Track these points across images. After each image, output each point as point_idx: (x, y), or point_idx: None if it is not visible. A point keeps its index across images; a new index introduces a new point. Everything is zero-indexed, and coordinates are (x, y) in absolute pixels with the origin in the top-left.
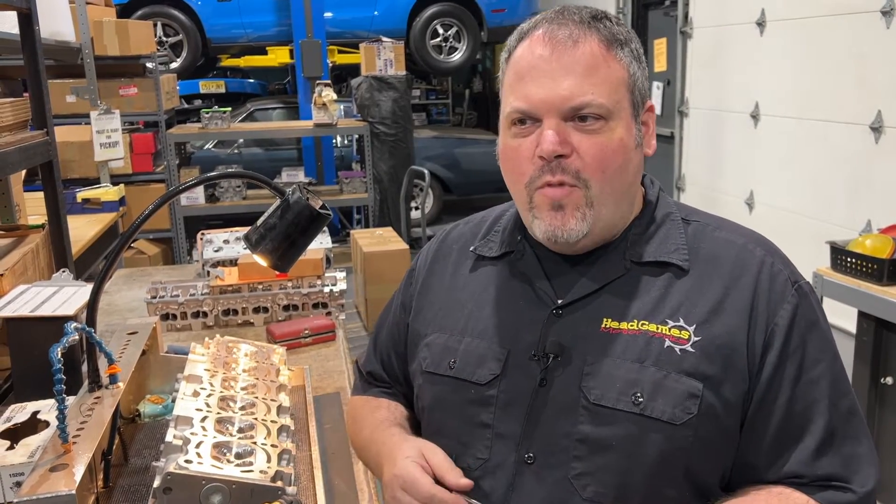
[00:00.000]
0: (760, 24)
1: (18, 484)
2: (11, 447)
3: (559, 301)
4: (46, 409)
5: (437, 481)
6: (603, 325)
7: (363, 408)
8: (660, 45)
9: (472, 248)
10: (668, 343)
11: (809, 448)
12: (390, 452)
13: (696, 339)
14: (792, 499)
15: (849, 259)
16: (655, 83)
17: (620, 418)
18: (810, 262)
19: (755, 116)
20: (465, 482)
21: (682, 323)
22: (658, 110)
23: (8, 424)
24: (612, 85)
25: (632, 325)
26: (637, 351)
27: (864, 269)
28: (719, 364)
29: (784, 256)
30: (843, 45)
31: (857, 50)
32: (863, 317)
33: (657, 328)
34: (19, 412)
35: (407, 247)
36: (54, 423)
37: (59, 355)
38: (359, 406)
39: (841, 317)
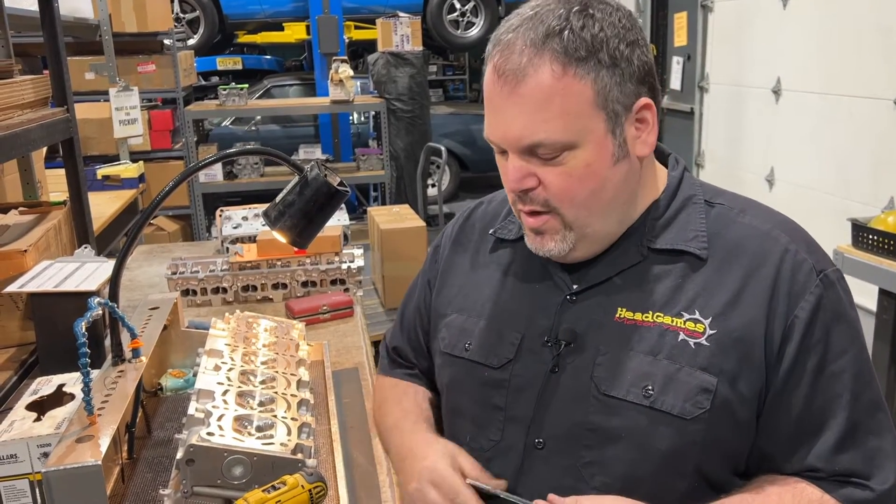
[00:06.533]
0: None
1: (46, 455)
2: (38, 419)
3: (574, 286)
4: (71, 382)
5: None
6: (617, 315)
7: (390, 392)
8: (680, 20)
9: (491, 231)
10: (682, 336)
11: (829, 443)
12: (418, 447)
13: (712, 332)
14: (806, 494)
15: (870, 236)
16: (675, 58)
17: (630, 410)
18: (831, 239)
19: (777, 92)
20: (499, 482)
21: (697, 315)
22: (678, 85)
23: (35, 397)
24: (569, 115)
25: (646, 317)
26: (651, 343)
27: (885, 247)
28: (735, 358)
29: (811, 243)
30: (869, 18)
31: (883, 23)
32: (884, 294)
33: (672, 320)
34: (45, 385)
35: (424, 224)
36: (79, 395)
37: (84, 329)
38: (386, 388)
39: (861, 294)
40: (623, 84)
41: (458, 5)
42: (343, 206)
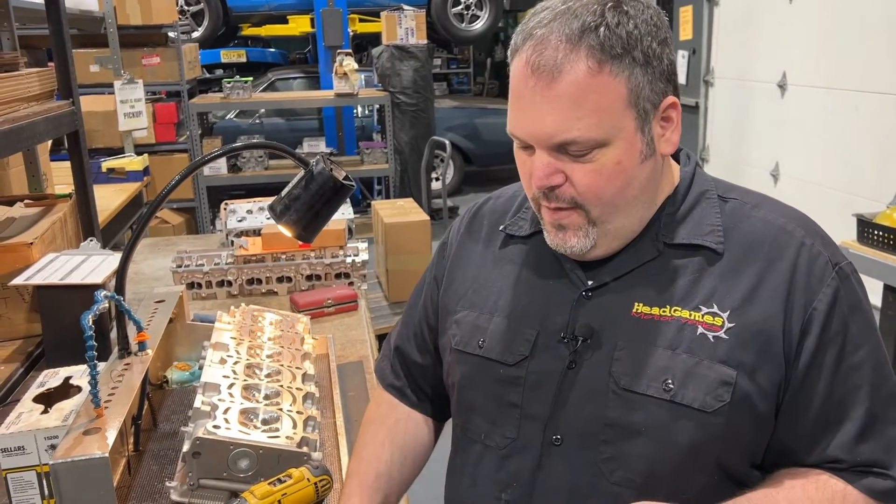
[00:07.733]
0: None
1: (53, 447)
2: (46, 411)
3: (589, 283)
4: (78, 374)
5: None
6: (634, 310)
7: (374, 418)
8: (685, 13)
9: (501, 228)
10: (700, 330)
11: (850, 434)
12: None
13: (730, 325)
14: (829, 486)
15: (876, 232)
16: (681, 52)
17: (650, 404)
18: (836, 234)
19: (782, 86)
20: None
21: (715, 309)
22: (683, 80)
23: (42, 389)
24: (603, 112)
25: (664, 311)
26: (669, 338)
27: (891, 243)
28: (754, 351)
29: (825, 237)
30: (875, 12)
31: (889, 18)
32: (889, 290)
33: (690, 314)
34: (52, 377)
35: (428, 218)
36: (86, 388)
37: (91, 322)
38: (372, 410)
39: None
40: (654, 82)
41: None
42: (347, 199)
